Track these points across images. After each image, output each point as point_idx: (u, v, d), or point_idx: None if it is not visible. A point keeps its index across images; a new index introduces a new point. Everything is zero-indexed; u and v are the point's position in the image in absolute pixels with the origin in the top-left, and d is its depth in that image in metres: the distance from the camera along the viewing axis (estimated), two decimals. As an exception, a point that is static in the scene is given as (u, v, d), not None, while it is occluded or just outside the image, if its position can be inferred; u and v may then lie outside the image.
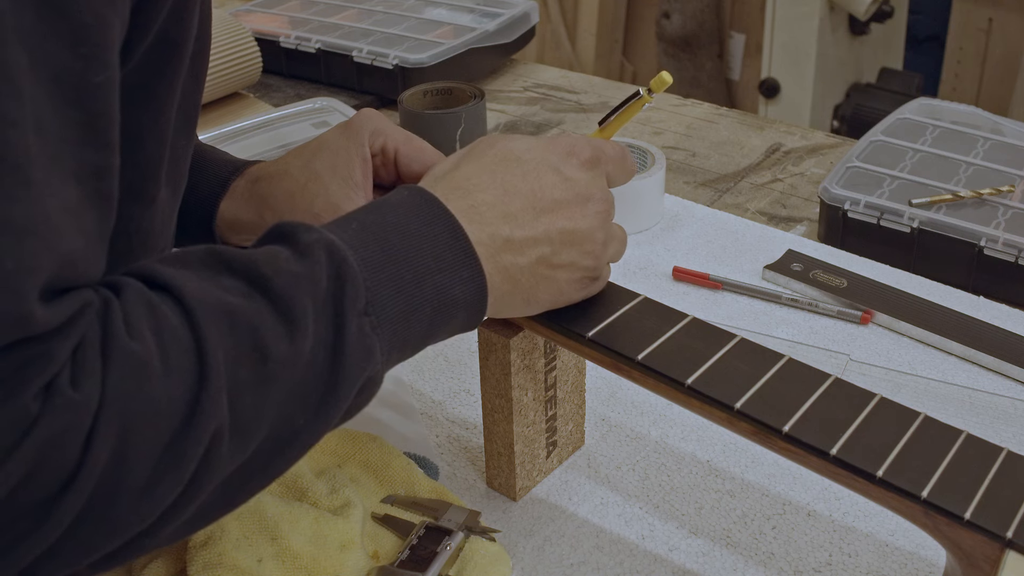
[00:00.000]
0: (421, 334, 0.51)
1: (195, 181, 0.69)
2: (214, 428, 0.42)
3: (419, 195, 0.53)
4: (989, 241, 0.87)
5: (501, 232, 0.54)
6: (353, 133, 0.67)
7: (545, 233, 0.56)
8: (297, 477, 0.62)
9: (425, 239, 0.51)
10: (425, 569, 0.60)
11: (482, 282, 0.53)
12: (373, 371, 0.49)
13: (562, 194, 0.57)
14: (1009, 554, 0.47)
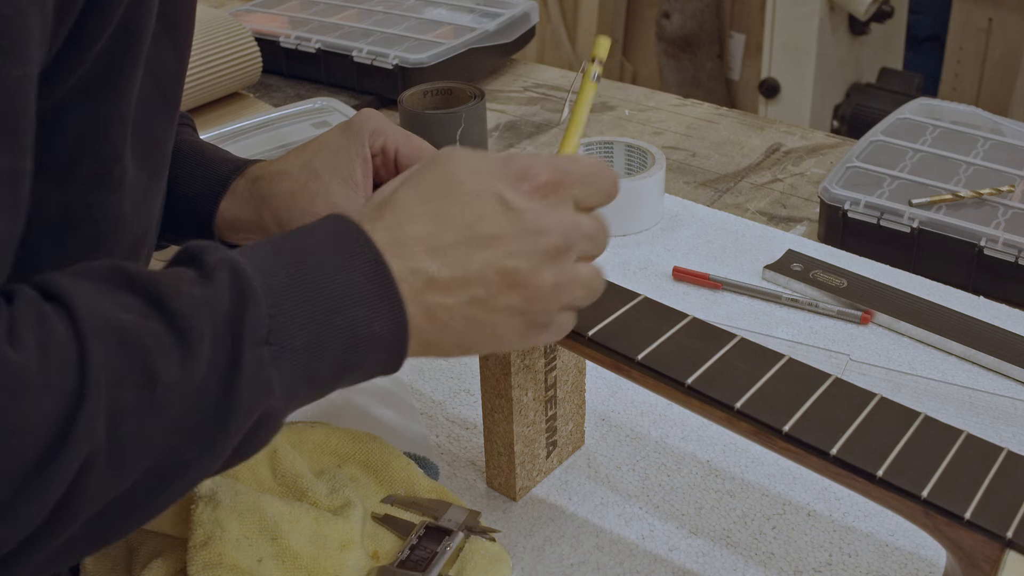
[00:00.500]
0: (333, 371, 0.47)
1: (195, 180, 0.68)
2: (87, 452, 0.39)
3: (342, 223, 0.49)
4: (989, 241, 0.87)
5: (427, 269, 0.49)
6: (353, 133, 0.67)
7: (479, 272, 0.50)
8: (297, 477, 0.62)
9: (342, 270, 0.47)
10: (425, 569, 0.59)
11: (402, 320, 0.48)
12: (271, 405, 0.45)
13: (504, 228, 0.50)
14: (1009, 554, 0.47)
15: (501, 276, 0.50)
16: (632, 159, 1.02)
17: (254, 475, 0.62)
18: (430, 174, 0.52)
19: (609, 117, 1.27)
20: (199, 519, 0.56)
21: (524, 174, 0.51)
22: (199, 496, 0.57)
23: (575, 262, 0.53)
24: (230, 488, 0.58)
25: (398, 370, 0.50)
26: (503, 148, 1.20)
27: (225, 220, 0.68)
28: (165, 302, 0.42)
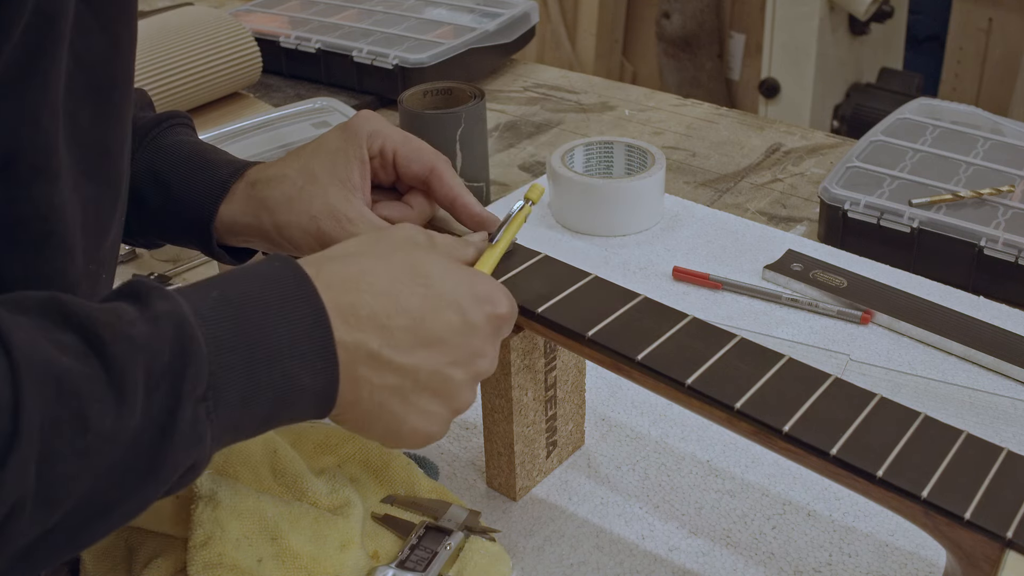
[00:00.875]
0: (259, 420, 0.47)
1: (195, 182, 0.68)
2: (16, 498, 0.38)
3: (293, 273, 0.49)
4: (989, 241, 0.87)
5: (369, 343, 0.49)
6: (351, 135, 0.66)
7: (414, 367, 0.51)
8: (297, 477, 0.62)
9: (283, 320, 0.46)
10: (425, 569, 0.60)
11: (333, 377, 0.48)
12: (200, 455, 0.45)
13: (455, 337, 0.52)
14: (1009, 554, 0.47)
15: (432, 379, 0.51)
16: (632, 159, 1.02)
17: (254, 475, 0.62)
18: (401, 254, 0.53)
19: (609, 117, 1.27)
20: (199, 519, 0.56)
21: (489, 299, 0.54)
22: (199, 496, 0.57)
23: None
24: (230, 488, 0.58)
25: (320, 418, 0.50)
26: (503, 148, 1.20)
27: (224, 223, 0.68)
28: (103, 345, 0.42)
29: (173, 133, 0.71)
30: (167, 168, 0.69)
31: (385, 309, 0.50)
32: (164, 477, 0.44)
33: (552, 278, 0.63)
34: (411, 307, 0.51)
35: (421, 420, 0.52)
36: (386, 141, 0.67)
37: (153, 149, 0.70)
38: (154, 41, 1.17)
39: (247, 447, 0.63)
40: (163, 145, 0.70)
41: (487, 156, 1.04)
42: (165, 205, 0.68)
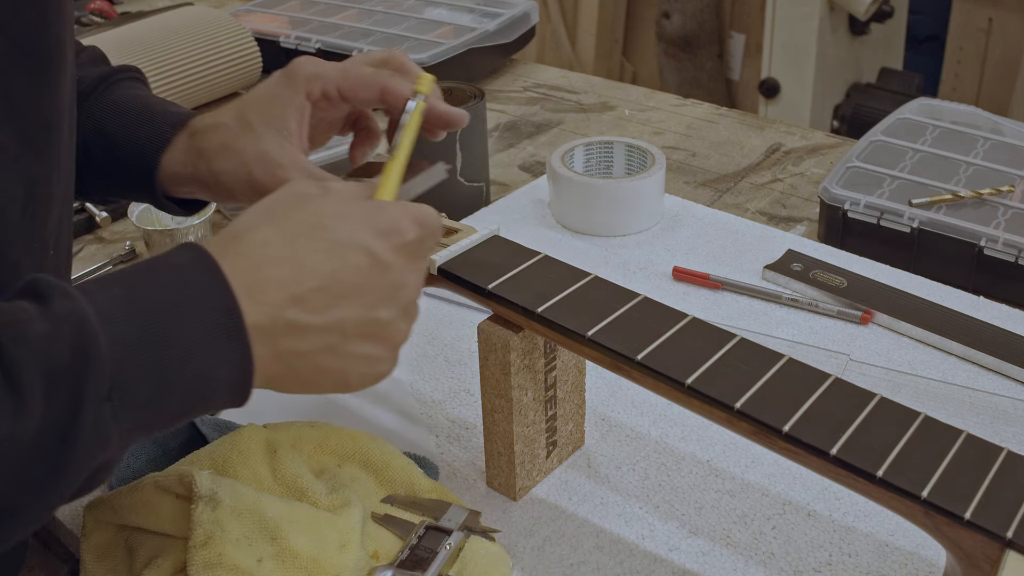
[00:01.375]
0: (171, 416, 0.46)
1: (138, 134, 0.67)
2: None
3: (201, 263, 0.47)
4: (989, 241, 0.87)
5: (285, 315, 0.48)
6: (289, 81, 0.65)
7: (338, 322, 0.49)
8: (297, 477, 0.62)
9: (195, 314, 0.45)
10: (425, 569, 0.60)
11: (248, 366, 0.47)
12: (108, 456, 0.44)
13: (369, 279, 0.50)
14: (1009, 554, 0.47)
15: (360, 326, 0.50)
16: (632, 159, 1.02)
17: (254, 475, 0.62)
18: (294, 213, 0.51)
19: (609, 117, 1.27)
20: (199, 519, 0.56)
21: (393, 229, 0.51)
22: (199, 496, 0.57)
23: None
24: (230, 488, 0.58)
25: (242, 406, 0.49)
26: (503, 148, 1.20)
27: (166, 174, 0.67)
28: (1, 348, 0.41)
29: (122, 87, 0.71)
30: (112, 121, 0.68)
31: (292, 276, 0.48)
32: (70, 480, 0.43)
33: (552, 278, 0.63)
34: (318, 266, 0.49)
35: (364, 365, 0.51)
36: (327, 83, 0.65)
37: (100, 103, 0.69)
38: (154, 41, 1.17)
39: (247, 447, 0.63)
40: (109, 99, 0.69)
41: (487, 156, 1.04)
42: (110, 158, 0.68)
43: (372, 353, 0.51)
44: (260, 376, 0.48)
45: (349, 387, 0.52)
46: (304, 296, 0.48)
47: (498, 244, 0.67)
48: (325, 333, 0.49)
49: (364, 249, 0.50)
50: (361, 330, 0.50)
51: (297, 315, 0.48)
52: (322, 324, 0.49)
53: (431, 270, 0.64)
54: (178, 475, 0.58)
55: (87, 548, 0.62)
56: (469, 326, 0.85)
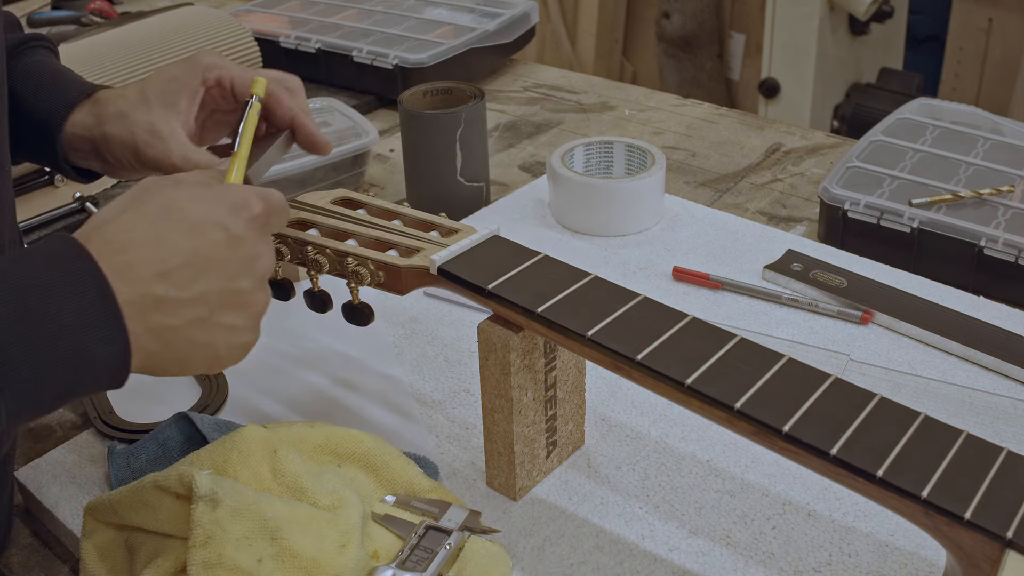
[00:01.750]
0: (57, 394, 0.48)
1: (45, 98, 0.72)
2: None
3: (70, 247, 0.50)
4: (989, 241, 0.87)
5: (154, 291, 0.51)
6: (189, 66, 0.72)
7: (203, 295, 0.53)
8: (296, 477, 0.62)
9: (70, 296, 0.48)
10: (425, 569, 0.60)
11: (125, 343, 0.49)
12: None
13: (226, 253, 0.54)
14: (1009, 554, 0.47)
15: (223, 297, 0.53)
16: (632, 159, 1.02)
17: (254, 475, 0.62)
18: (151, 199, 0.54)
19: (609, 117, 1.27)
20: (199, 519, 0.56)
21: (243, 203, 0.55)
22: (199, 496, 0.57)
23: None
24: (230, 488, 0.58)
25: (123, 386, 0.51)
26: (503, 148, 1.20)
27: (68, 138, 0.72)
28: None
29: (35, 54, 0.76)
30: (20, 84, 0.73)
31: (156, 255, 0.51)
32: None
33: (552, 278, 0.63)
34: (179, 244, 0.52)
35: (231, 335, 0.55)
36: (223, 72, 0.72)
37: (12, 67, 0.73)
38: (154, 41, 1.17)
39: (247, 447, 0.62)
40: (22, 63, 0.74)
41: (487, 156, 1.04)
42: (17, 119, 0.71)
43: (236, 323, 0.55)
44: (137, 353, 0.50)
45: (220, 360, 0.55)
46: (169, 272, 0.51)
47: (498, 244, 0.67)
48: (192, 305, 0.52)
49: (219, 225, 0.54)
50: (225, 300, 0.54)
51: (165, 290, 0.51)
52: (189, 297, 0.52)
53: (431, 270, 0.64)
54: (178, 475, 0.58)
55: (87, 548, 0.62)
56: (469, 326, 0.85)
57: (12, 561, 0.68)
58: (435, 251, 0.65)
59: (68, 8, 1.61)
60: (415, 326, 0.86)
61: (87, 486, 0.70)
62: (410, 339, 0.84)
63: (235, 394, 0.78)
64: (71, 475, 0.71)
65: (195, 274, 0.52)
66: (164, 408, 0.76)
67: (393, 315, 0.87)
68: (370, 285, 0.67)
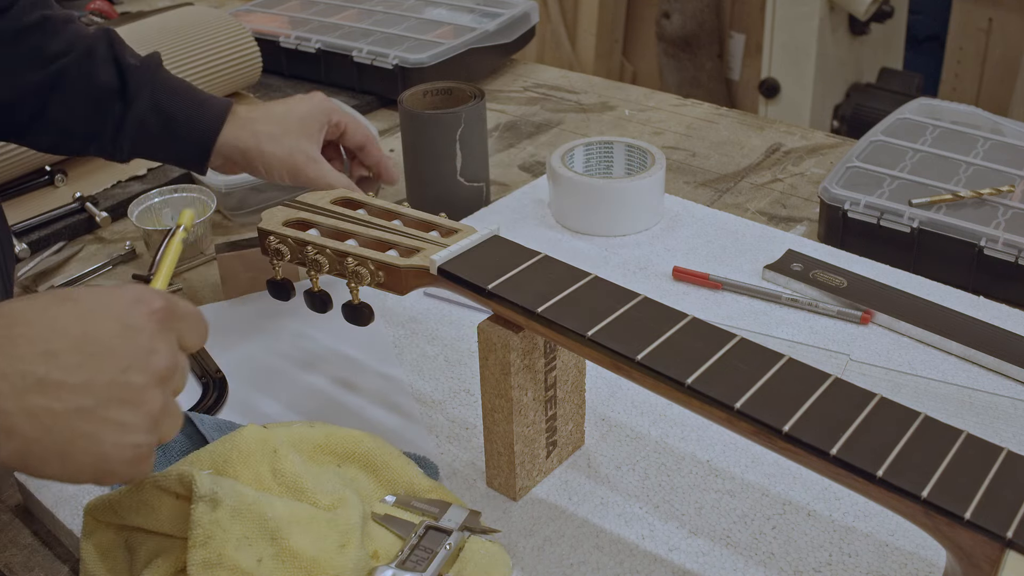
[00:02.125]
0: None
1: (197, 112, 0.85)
2: None
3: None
4: (989, 241, 0.87)
5: (35, 370, 0.47)
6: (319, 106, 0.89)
7: (89, 381, 0.48)
8: (296, 477, 0.62)
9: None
10: (425, 569, 0.60)
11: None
12: None
13: (120, 342, 0.50)
14: (1009, 554, 0.47)
15: (111, 389, 0.49)
16: (632, 159, 1.02)
17: (254, 475, 0.62)
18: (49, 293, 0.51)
19: (609, 117, 1.27)
20: (199, 519, 0.56)
21: (140, 298, 0.52)
22: (199, 496, 0.57)
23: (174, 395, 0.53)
24: (230, 488, 0.58)
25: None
26: (503, 148, 1.20)
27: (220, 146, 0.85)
28: None
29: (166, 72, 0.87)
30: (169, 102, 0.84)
31: (43, 334, 0.48)
32: None
33: (552, 278, 0.63)
34: (69, 328, 0.49)
35: (118, 433, 0.49)
36: (343, 118, 0.90)
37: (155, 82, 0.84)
38: (154, 41, 1.17)
39: (247, 447, 0.62)
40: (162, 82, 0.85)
41: (487, 156, 1.04)
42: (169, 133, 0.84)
43: (126, 420, 0.50)
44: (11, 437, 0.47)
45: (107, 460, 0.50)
46: (55, 353, 0.48)
47: (498, 244, 0.67)
48: (77, 392, 0.48)
49: (115, 314, 0.50)
50: (113, 393, 0.49)
51: (47, 371, 0.47)
52: (74, 383, 0.48)
53: (431, 270, 0.64)
54: (178, 475, 0.58)
55: (87, 548, 0.62)
56: (469, 326, 0.85)
57: (12, 561, 0.68)
58: (435, 251, 0.65)
59: (68, 8, 1.61)
60: (415, 326, 0.86)
61: (87, 486, 0.70)
62: (410, 339, 0.84)
63: (235, 394, 0.78)
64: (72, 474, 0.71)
65: (83, 359, 0.48)
66: (164, 408, 0.76)
67: (393, 315, 0.87)
68: (370, 285, 0.67)
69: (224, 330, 0.85)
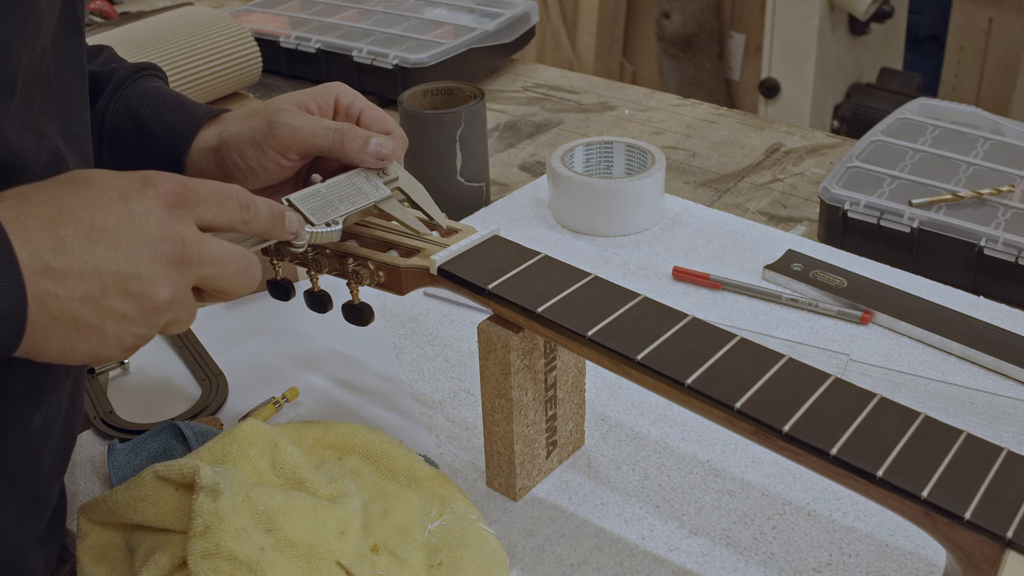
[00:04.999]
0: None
1: (172, 120, 0.72)
2: None
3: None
4: (989, 241, 0.87)
5: (43, 255, 0.46)
6: (325, 90, 0.71)
7: (95, 270, 0.47)
8: (296, 468, 0.62)
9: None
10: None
11: (21, 297, 0.45)
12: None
13: (125, 228, 0.48)
14: (1009, 554, 0.47)
15: (116, 279, 0.48)
16: (632, 159, 1.02)
17: (253, 468, 0.62)
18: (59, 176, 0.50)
19: (609, 117, 1.27)
20: (199, 509, 0.56)
21: (147, 181, 0.50)
22: (200, 487, 0.57)
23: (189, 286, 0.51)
24: (230, 479, 0.58)
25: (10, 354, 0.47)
26: (503, 148, 1.20)
27: (192, 159, 0.71)
28: None
29: (152, 80, 0.75)
30: (146, 107, 0.72)
31: (51, 216, 0.47)
32: None
33: (552, 278, 0.63)
34: (77, 211, 0.47)
35: (121, 324, 0.49)
36: (352, 98, 0.71)
37: (136, 90, 0.73)
38: (154, 41, 1.17)
39: (247, 441, 0.63)
40: (144, 87, 0.73)
41: (487, 156, 1.04)
42: (142, 140, 0.71)
43: (129, 312, 0.49)
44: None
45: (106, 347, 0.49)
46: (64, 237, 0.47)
47: (498, 244, 0.67)
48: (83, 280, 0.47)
49: (121, 196, 0.49)
50: (119, 283, 0.48)
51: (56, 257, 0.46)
52: (80, 269, 0.47)
53: (431, 270, 0.64)
54: (180, 465, 0.58)
55: (84, 550, 0.62)
56: (469, 326, 0.85)
57: (12, 561, 0.68)
58: (435, 251, 0.65)
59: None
60: (415, 326, 0.86)
61: (87, 486, 0.70)
62: (410, 339, 0.84)
63: (235, 394, 0.78)
64: (71, 475, 0.71)
65: (89, 245, 0.47)
66: (164, 409, 0.77)
67: (393, 315, 0.87)
68: (370, 285, 0.66)
69: (224, 330, 0.85)
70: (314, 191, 0.65)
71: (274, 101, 0.70)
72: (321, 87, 0.72)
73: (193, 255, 0.50)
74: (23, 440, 0.55)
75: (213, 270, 0.52)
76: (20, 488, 0.57)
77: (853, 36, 2.37)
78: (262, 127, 0.67)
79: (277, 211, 0.58)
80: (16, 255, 0.45)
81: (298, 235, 0.61)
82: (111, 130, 0.72)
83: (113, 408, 0.76)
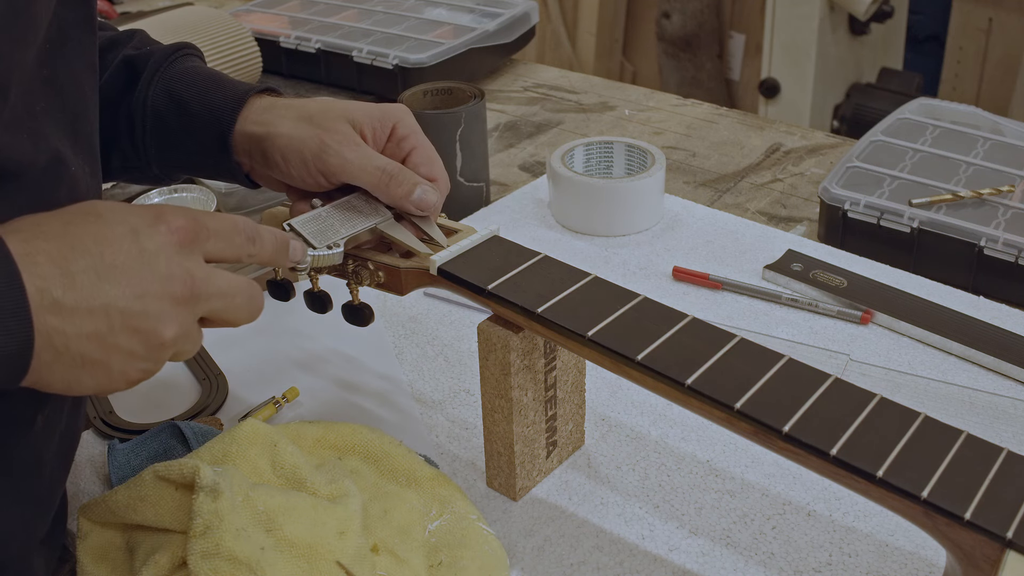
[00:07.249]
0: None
1: (213, 98, 0.70)
2: None
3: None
4: (989, 241, 0.87)
5: (53, 291, 0.46)
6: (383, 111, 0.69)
7: (104, 307, 0.47)
8: (296, 468, 0.62)
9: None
10: None
11: (28, 337, 0.45)
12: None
13: (136, 267, 0.48)
14: (1009, 554, 0.47)
15: (124, 318, 0.48)
16: (632, 159, 1.02)
17: (253, 468, 0.62)
18: (72, 208, 0.50)
19: (609, 117, 1.27)
20: (199, 509, 0.56)
21: (160, 217, 0.50)
22: (200, 487, 0.57)
23: (196, 319, 0.52)
24: (230, 479, 0.58)
25: (14, 387, 0.47)
26: (503, 148, 1.20)
27: (240, 135, 0.69)
28: None
29: (190, 60, 0.74)
30: (183, 87, 0.71)
31: (62, 252, 0.47)
32: None
33: (552, 278, 0.63)
34: (87, 246, 0.48)
35: (127, 361, 0.49)
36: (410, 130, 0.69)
37: (172, 72, 0.72)
38: (154, 41, 1.17)
39: (247, 441, 0.63)
40: (180, 68, 0.72)
41: (487, 156, 1.04)
42: (185, 122, 0.70)
43: (136, 349, 0.49)
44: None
45: (111, 382, 0.49)
46: (73, 275, 0.47)
47: (498, 244, 0.67)
48: (92, 317, 0.47)
49: (132, 233, 0.49)
50: (127, 321, 0.48)
51: (64, 293, 0.46)
52: (89, 307, 0.47)
53: (431, 271, 0.64)
54: (180, 465, 0.58)
55: (84, 550, 0.62)
56: (469, 326, 0.85)
57: (12, 561, 0.68)
58: (435, 251, 0.65)
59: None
60: (415, 326, 0.86)
61: (87, 486, 0.70)
62: (410, 339, 0.84)
63: (235, 394, 0.78)
64: (71, 475, 0.71)
65: (99, 282, 0.47)
66: (164, 408, 0.77)
67: (393, 315, 0.87)
68: (370, 285, 0.67)
69: (224, 330, 0.85)
70: (315, 215, 0.65)
71: (329, 109, 0.68)
72: (383, 108, 0.69)
73: (202, 291, 0.51)
74: (25, 442, 0.56)
75: (221, 303, 0.52)
76: (23, 490, 0.57)
77: (853, 36, 2.37)
78: (312, 146, 0.66)
79: (281, 241, 0.58)
80: (27, 293, 0.45)
81: (301, 260, 0.61)
82: (153, 114, 0.71)
83: (113, 408, 0.76)
